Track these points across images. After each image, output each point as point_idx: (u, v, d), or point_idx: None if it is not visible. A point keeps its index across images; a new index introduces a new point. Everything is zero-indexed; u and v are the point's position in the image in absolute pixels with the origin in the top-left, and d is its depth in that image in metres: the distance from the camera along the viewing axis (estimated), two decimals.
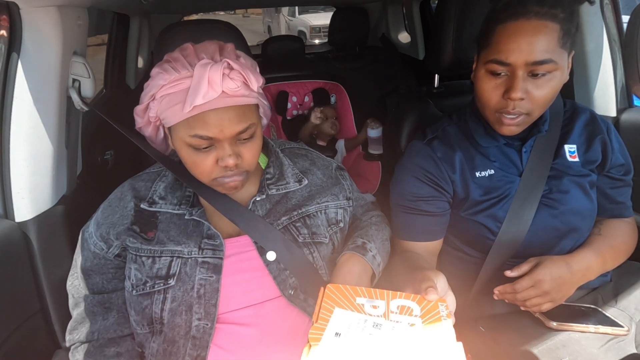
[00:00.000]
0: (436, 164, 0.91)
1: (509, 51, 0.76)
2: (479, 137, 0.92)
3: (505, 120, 0.82)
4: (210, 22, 0.97)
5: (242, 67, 0.71)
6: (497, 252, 0.88)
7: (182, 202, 0.80)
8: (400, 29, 2.64)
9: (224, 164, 0.72)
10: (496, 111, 0.82)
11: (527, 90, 0.78)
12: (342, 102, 2.07)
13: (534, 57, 0.75)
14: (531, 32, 0.75)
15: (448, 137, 0.94)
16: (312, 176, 0.90)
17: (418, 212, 0.92)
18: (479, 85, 0.83)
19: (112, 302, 0.80)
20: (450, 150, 0.92)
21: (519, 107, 0.79)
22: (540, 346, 0.78)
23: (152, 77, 0.73)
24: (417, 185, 0.92)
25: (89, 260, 0.79)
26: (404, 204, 0.93)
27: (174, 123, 0.72)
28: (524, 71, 0.77)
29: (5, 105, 0.82)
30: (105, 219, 0.79)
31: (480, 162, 0.91)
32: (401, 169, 0.96)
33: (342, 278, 0.79)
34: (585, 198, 0.89)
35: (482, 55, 0.83)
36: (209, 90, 0.68)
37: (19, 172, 0.84)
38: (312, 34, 7.56)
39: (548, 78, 0.78)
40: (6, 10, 0.79)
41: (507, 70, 0.79)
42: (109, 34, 1.83)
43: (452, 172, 0.91)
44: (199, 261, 0.75)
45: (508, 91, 0.78)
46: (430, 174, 0.91)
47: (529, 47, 0.75)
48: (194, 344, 0.72)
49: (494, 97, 0.81)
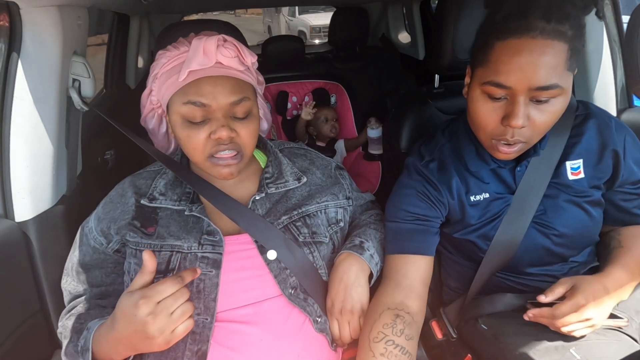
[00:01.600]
0: (434, 186, 0.86)
1: (509, 73, 0.67)
2: (470, 160, 0.86)
3: (501, 148, 0.75)
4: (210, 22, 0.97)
5: (237, 42, 0.75)
6: (488, 265, 0.87)
7: (182, 199, 0.80)
8: (400, 29, 2.64)
9: (216, 135, 0.73)
10: (492, 138, 0.75)
11: (529, 116, 0.70)
12: (342, 102, 2.07)
13: (538, 82, 0.66)
14: (536, 53, 0.65)
15: (444, 159, 0.88)
16: (312, 176, 0.90)
17: (410, 223, 0.86)
18: (474, 106, 0.74)
19: (110, 294, 0.80)
20: (447, 175, 0.86)
21: (518, 134, 0.71)
22: (542, 345, 0.78)
23: (156, 58, 0.77)
24: (413, 203, 0.86)
25: (89, 255, 0.80)
26: (397, 216, 0.87)
27: (170, 94, 0.74)
28: (525, 96, 0.68)
29: (5, 105, 0.82)
30: (106, 214, 0.80)
31: (474, 185, 0.85)
32: (399, 187, 0.90)
33: (340, 277, 0.79)
34: (585, 218, 0.83)
35: (478, 73, 0.74)
36: (203, 58, 0.71)
37: (19, 172, 0.84)
38: (312, 34, 7.55)
39: (552, 103, 0.69)
40: (6, 10, 0.79)
41: (507, 94, 0.70)
42: (109, 34, 1.83)
43: (450, 197, 0.86)
44: (199, 256, 0.75)
45: (507, 117, 0.70)
46: (428, 193, 0.86)
47: (533, 71, 0.66)
48: (194, 339, 0.72)
49: (490, 122, 0.73)
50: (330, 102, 2.10)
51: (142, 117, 0.84)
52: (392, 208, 0.89)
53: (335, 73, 2.15)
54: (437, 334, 0.98)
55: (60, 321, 0.80)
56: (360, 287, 0.79)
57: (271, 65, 2.09)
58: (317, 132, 2.03)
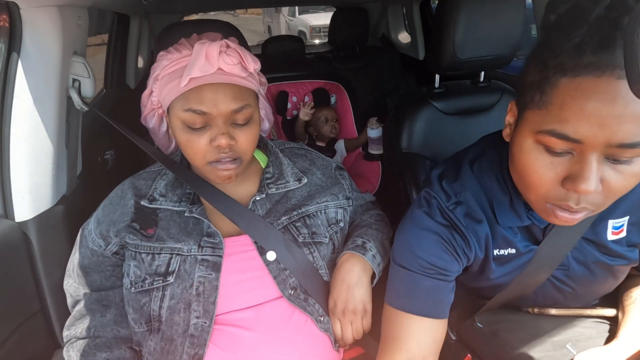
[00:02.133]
0: (462, 235, 0.70)
1: (580, 123, 0.48)
2: (501, 213, 0.69)
3: (560, 215, 0.56)
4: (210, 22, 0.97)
5: (240, 48, 0.74)
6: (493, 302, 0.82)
7: (182, 200, 0.80)
8: (400, 29, 2.64)
9: (216, 143, 0.73)
10: (547, 201, 0.56)
11: (603, 178, 0.51)
12: (342, 102, 2.07)
13: (622, 138, 0.47)
14: (621, 98, 0.46)
15: (472, 204, 0.70)
16: (312, 176, 0.90)
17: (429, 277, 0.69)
18: (523, 159, 0.56)
19: (110, 300, 0.80)
20: (477, 224, 0.70)
21: (585, 201, 0.53)
22: (540, 338, 0.78)
23: (158, 60, 0.76)
24: (435, 254, 0.69)
25: (87, 257, 0.80)
26: (413, 265, 0.70)
27: (171, 99, 0.74)
28: (600, 154, 0.50)
29: (5, 105, 0.82)
30: (105, 217, 0.79)
31: (501, 239, 0.71)
32: (416, 225, 0.71)
33: (342, 278, 0.79)
34: (612, 283, 0.73)
35: (531, 116, 0.54)
36: (205, 64, 0.70)
37: (19, 172, 0.84)
38: (312, 34, 7.55)
39: (635, 164, 0.51)
40: (6, 10, 0.78)
41: (574, 148, 0.51)
42: (109, 34, 1.83)
43: (479, 249, 0.71)
44: (199, 259, 0.75)
45: (574, 180, 0.51)
46: (455, 243, 0.70)
47: (616, 123, 0.47)
48: (192, 342, 0.72)
49: (547, 182, 0.54)
50: (330, 102, 2.10)
51: (143, 116, 0.84)
52: (406, 252, 0.70)
53: (335, 73, 2.15)
54: None
55: (67, 330, 0.80)
56: (363, 287, 0.79)
57: (271, 65, 2.09)
58: (317, 133, 2.03)
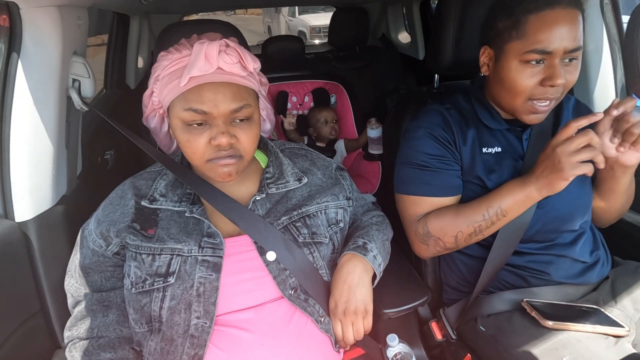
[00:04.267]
0: (452, 130, 0.94)
1: (550, 40, 0.78)
2: (485, 119, 0.94)
3: (538, 107, 0.84)
4: (210, 22, 0.97)
5: (239, 47, 0.74)
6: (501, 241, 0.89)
7: (182, 200, 0.80)
8: (400, 29, 2.64)
9: (216, 142, 0.73)
10: (530, 99, 0.84)
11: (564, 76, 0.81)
12: (342, 102, 2.07)
13: (571, 44, 0.78)
14: (568, 20, 0.78)
15: (463, 111, 0.97)
16: (312, 176, 0.90)
17: (431, 169, 0.93)
18: (511, 76, 0.83)
19: (111, 301, 0.80)
20: (465, 124, 0.95)
21: (555, 92, 0.82)
22: (540, 346, 0.78)
23: (158, 60, 0.77)
24: (430, 145, 0.93)
25: (88, 257, 0.80)
26: (416, 161, 0.94)
27: (172, 99, 0.74)
28: (561, 58, 0.80)
29: (5, 105, 0.82)
30: (106, 217, 0.79)
31: (488, 139, 0.94)
32: (416, 127, 0.96)
33: (344, 279, 0.79)
34: (582, 183, 0.92)
35: (513, 47, 0.82)
36: (205, 64, 0.71)
37: (19, 172, 0.84)
38: (312, 34, 7.55)
39: (575, 64, 0.82)
40: (6, 10, 0.79)
41: (546, 58, 0.80)
42: (109, 34, 1.83)
43: (463, 143, 0.93)
44: (199, 259, 0.75)
45: (550, 78, 0.80)
46: (446, 136, 0.93)
47: (569, 35, 0.77)
48: (192, 343, 0.72)
49: (530, 85, 0.82)
50: (330, 102, 2.09)
51: (144, 116, 0.84)
52: (409, 149, 0.96)
53: (335, 73, 2.15)
54: (436, 335, 0.98)
55: (69, 331, 0.80)
56: (364, 288, 0.79)
57: (271, 65, 2.09)
58: (316, 134, 2.03)
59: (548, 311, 0.83)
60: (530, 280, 0.91)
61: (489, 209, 0.85)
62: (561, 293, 0.90)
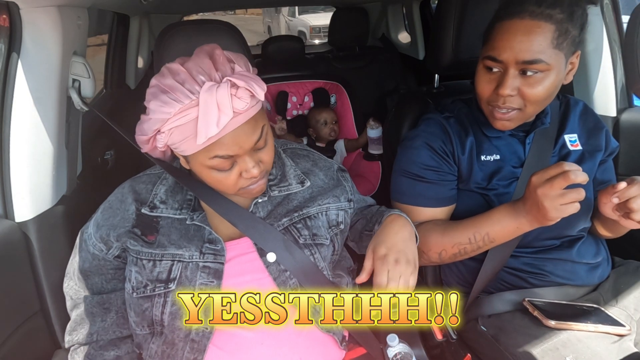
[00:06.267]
0: (451, 142, 0.94)
1: (501, 49, 0.80)
2: (485, 127, 0.94)
3: (496, 114, 0.85)
4: (210, 22, 0.97)
5: (246, 81, 0.66)
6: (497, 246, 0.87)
7: (183, 206, 0.80)
8: (400, 29, 2.64)
9: (249, 175, 0.72)
10: (488, 104, 0.86)
11: (518, 87, 0.81)
12: (342, 102, 2.07)
13: (524, 56, 0.78)
14: (522, 31, 0.77)
15: (462, 119, 0.97)
16: (314, 177, 0.89)
17: (426, 180, 0.94)
18: (476, 78, 0.88)
19: (111, 303, 0.80)
20: (464, 132, 0.95)
21: (509, 102, 0.82)
22: (542, 345, 0.78)
23: (152, 110, 0.67)
24: (426, 156, 0.94)
25: (88, 261, 0.79)
26: (411, 171, 0.95)
27: (190, 154, 0.71)
28: (514, 69, 0.80)
29: (5, 105, 0.82)
30: (105, 221, 0.79)
31: (487, 147, 0.94)
32: (414, 136, 0.97)
33: (396, 230, 0.78)
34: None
35: (483, 50, 0.86)
36: (220, 117, 0.64)
37: (19, 172, 0.84)
38: (312, 34, 7.55)
39: (540, 77, 0.80)
40: (6, 10, 0.78)
41: (500, 67, 0.82)
42: (109, 34, 1.83)
43: (462, 153, 0.93)
44: (200, 265, 0.75)
45: (498, 87, 0.82)
46: (444, 148, 0.94)
47: (520, 46, 0.77)
48: (192, 347, 0.72)
49: (486, 90, 0.85)
50: (330, 102, 2.09)
51: (143, 152, 0.79)
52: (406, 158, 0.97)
53: (335, 73, 2.16)
54: (437, 335, 0.98)
55: (69, 335, 0.80)
56: (414, 246, 0.78)
57: (271, 65, 2.09)
58: (316, 134, 2.03)
59: (550, 310, 0.83)
60: (531, 281, 0.91)
61: (476, 234, 0.84)
62: (562, 293, 0.90)
